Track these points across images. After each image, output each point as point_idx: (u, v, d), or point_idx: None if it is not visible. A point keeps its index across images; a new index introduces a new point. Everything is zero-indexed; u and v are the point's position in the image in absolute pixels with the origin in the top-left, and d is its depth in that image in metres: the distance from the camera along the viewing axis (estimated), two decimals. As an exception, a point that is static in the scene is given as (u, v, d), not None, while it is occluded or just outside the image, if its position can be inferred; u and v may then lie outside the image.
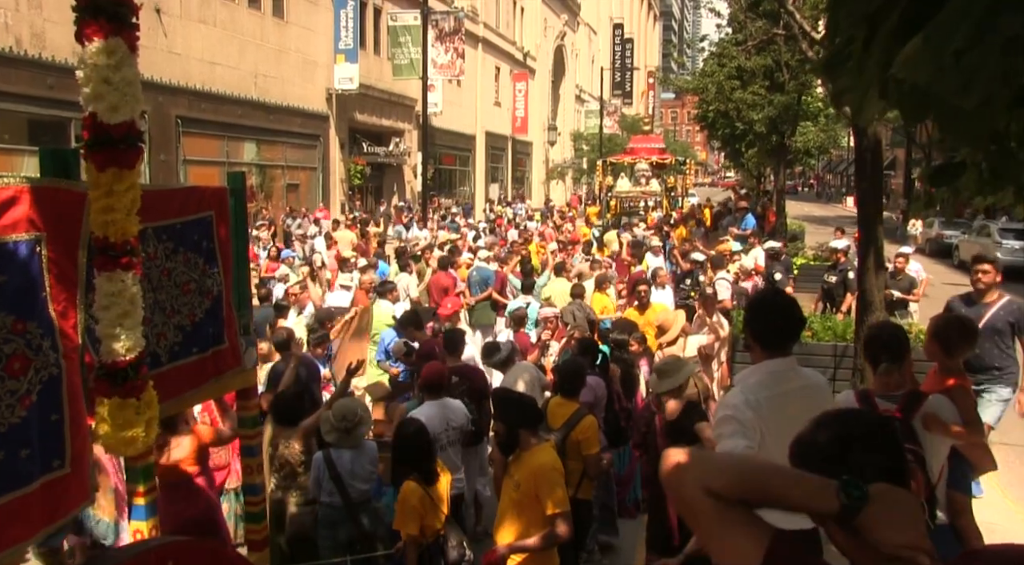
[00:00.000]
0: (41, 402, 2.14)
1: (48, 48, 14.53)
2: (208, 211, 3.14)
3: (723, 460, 1.58)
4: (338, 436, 5.01)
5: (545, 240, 17.63)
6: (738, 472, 1.48)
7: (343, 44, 24.21)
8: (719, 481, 1.44)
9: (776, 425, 2.99)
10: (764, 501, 1.44)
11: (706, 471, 1.47)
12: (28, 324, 2.10)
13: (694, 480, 1.46)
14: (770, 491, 1.42)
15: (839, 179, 67.66)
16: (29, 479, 2.11)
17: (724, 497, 1.43)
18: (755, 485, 1.43)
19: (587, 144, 46.40)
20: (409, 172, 29.88)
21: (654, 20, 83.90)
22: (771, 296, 3.93)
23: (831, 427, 1.57)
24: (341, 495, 4.95)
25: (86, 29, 2.19)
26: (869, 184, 7.64)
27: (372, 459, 5.21)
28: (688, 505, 1.49)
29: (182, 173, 18.34)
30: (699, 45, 27.40)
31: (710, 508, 1.44)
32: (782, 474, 1.46)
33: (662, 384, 5.22)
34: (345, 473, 4.98)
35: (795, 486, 1.42)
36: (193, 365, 3.02)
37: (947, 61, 1.45)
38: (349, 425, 5.02)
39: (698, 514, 1.48)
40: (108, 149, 2.21)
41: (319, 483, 5.02)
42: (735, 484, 1.44)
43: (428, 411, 5.37)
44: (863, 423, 1.62)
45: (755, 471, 1.49)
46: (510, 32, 41.28)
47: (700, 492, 1.45)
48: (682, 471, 1.50)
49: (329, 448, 5.05)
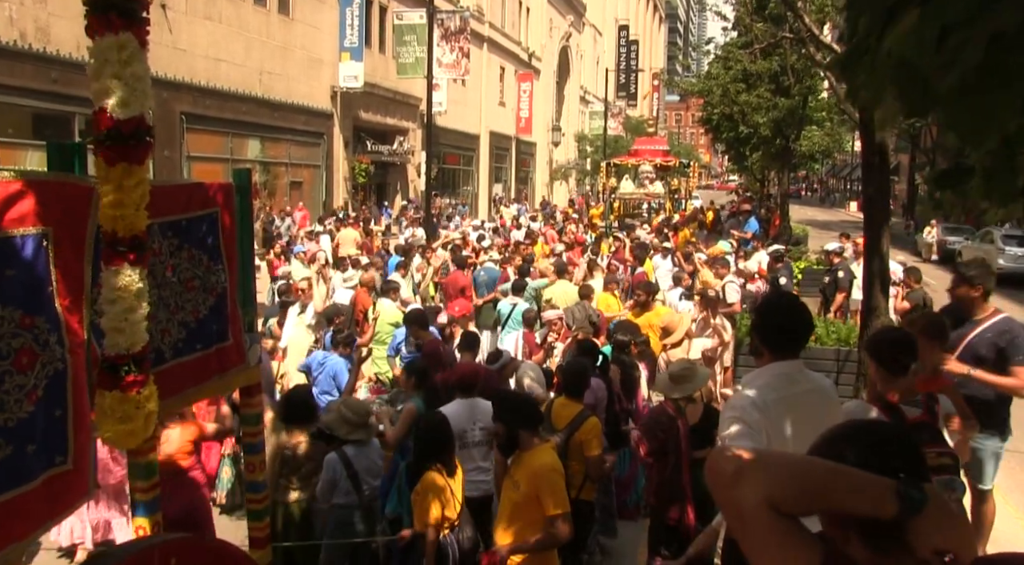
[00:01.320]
0: (47, 397, 2.13)
1: (53, 42, 14.53)
2: (214, 208, 3.13)
3: (790, 463, 1.43)
4: (350, 430, 5.03)
5: (548, 241, 17.63)
6: (806, 477, 1.37)
7: (348, 42, 24.22)
8: (785, 489, 1.34)
9: (783, 427, 3.00)
10: (823, 507, 1.36)
11: (773, 477, 1.36)
12: (36, 319, 2.09)
13: (757, 486, 1.35)
14: (832, 495, 1.34)
15: (843, 184, 67.61)
16: (33, 475, 2.10)
17: (787, 508, 1.34)
18: (819, 489, 1.35)
19: (591, 145, 46.40)
20: (413, 171, 29.88)
21: (659, 22, 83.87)
22: (780, 299, 3.94)
23: (858, 440, 1.48)
24: (357, 494, 4.97)
25: (96, 23, 2.18)
26: (876, 189, 7.63)
27: (380, 454, 5.24)
28: (743, 515, 1.38)
29: (186, 169, 18.36)
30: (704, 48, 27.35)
31: (769, 520, 1.34)
32: (844, 475, 1.36)
33: (676, 390, 5.21)
34: (362, 470, 5.00)
35: (857, 488, 1.33)
36: (197, 362, 3.01)
37: (930, 35, 1.45)
38: (360, 421, 5.06)
39: (753, 525, 1.37)
40: (118, 144, 2.20)
41: (334, 484, 5.00)
42: (802, 492, 1.34)
43: (457, 408, 5.39)
44: (891, 432, 1.55)
45: (821, 474, 1.38)
46: (515, 32, 41.27)
47: (762, 501, 1.34)
48: (745, 475, 1.38)
49: (342, 448, 5.05)
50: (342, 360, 7.32)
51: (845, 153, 50.36)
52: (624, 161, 27.55)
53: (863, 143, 7.90)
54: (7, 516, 2.02)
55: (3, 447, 2.01)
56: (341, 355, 7.37)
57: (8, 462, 2.02)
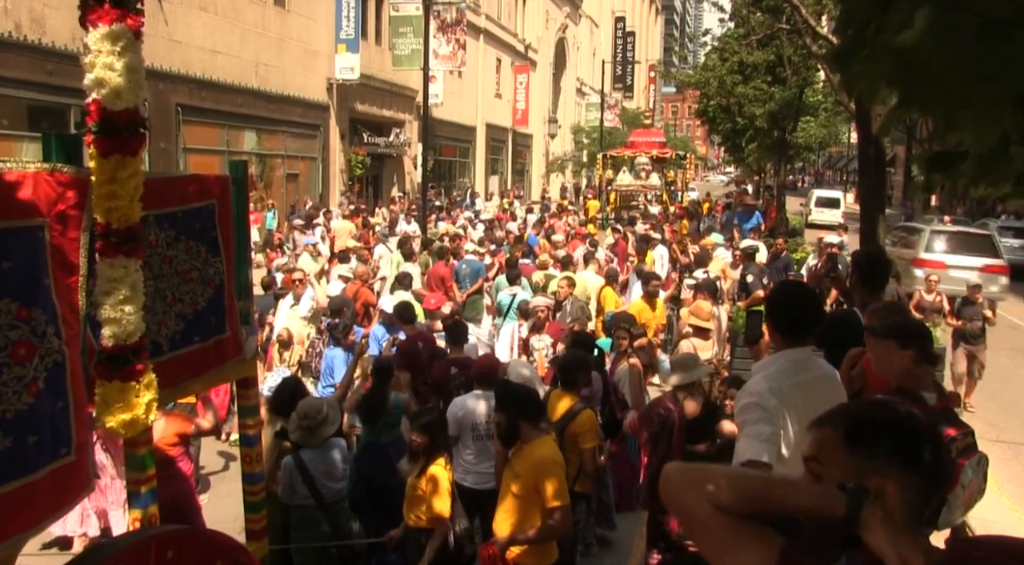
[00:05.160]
0: (47, 389, 2.13)
1: (48, 33, 14.46)
2: (210, 199, 3.12)
3: (726, 474, 1.51)
4: (301, 434, 4.94)
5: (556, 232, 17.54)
6: (741, 484, 1.44)
7: (344, 34, 24.13)
8: (726, 495, 1.41)
9: (796, 414, 3.06)
10: (772, 510, 1.41)
11: (713, 486, 1.42)
12: (33, 310, 2.09)
13: (700, 495, 1.42)
14: (775, 500, 1.40)
15: (839, 175, 67.60)
16: (36, 467, 2.10)
17: (733, 511, 1.40)
18: (760, 495, 1.41)
19: (587, 137, 46.34)
20: (409, 163, 29.82)
21: (656, 14, 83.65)
22: (793, 287, 4.00)
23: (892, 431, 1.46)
24: (314, 497, 4.89)
25: (91, 14, 2.17)
26: (872, 180, 7.64)
27: (343, 457, 5.10)
28: (695, 521, 1.46)
29: (182, 161, 18.29)
30: (701, 39, 27.33)
31: (720, 522, 1.40)
32: (783, 483, 1.44)
33: (676, 377, 5.22)
34: (318, 474, 4.91)
35: (799, 493, 1.39)
36: (194, 354, 3.01)
37: (925, 23, 1.45)
38: (312, 423, 4.92)
39: (706, 529, 1.44)
40: (112, 136, 2.20)
41: (292, 487, 4.94)
42: (742, 496, 1.40)
43: (473, 401, 5.38)
44: (920, 422, 1.51)
45: (756, 482, 1.46)
46: (512, 24, 41.15)
47: (708, 507, 1.41)
48: (687, 487, 1.46)
49: (298, 451, 4.97)
50: (340, 352, 7.31)
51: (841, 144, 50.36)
52: (621, 153, 27.55)
53: (859, 134, 7.91)
54: (11, 507, 2.02)
55: (2, 439, 2.01)
56: (340, 347, 7.36)
57: (8, 453, 2.02)
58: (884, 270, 4.39)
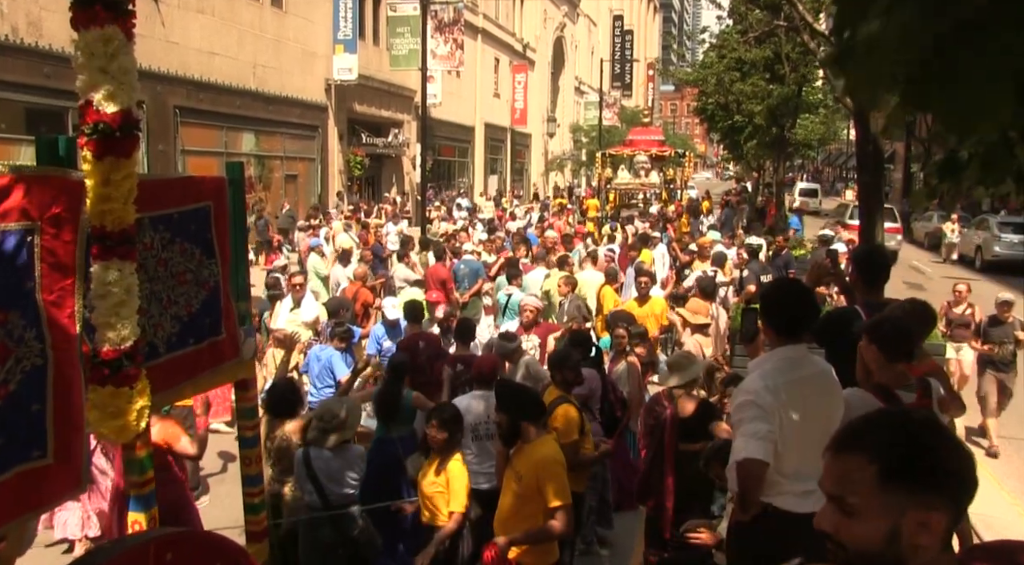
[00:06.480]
0: (20, 392, 2.11)
1: (45, 36, 14.46)
2: (206, 201, 3.11)
3: None
4: (316, 434, 4.92)
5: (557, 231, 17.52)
6: None
7: (342, 34, 24.13)
8: None
9: (792, 410, 3.10)
10: None
11: None
12: (9, 314, 2.07)
13: None
14: None
15: (838, 172, 67.57)
16: (2, 467, 2.08)
17: None
18: None
19: (586, 136, 46.33)
20: (408, 163, 29.81)
21: (654, 12, 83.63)
22: (788, 284, 3.99)
23: None
24: (319, 495, 4.85)
25: (82, 16, 2.17)
26: (871, 177, 7.64)
27: (353, 465, 4.99)
28: None
29: (180, 163, 18.28)
30: (699, 37, 27.31)
31: None
32: None
33: (672, 378, 5.21)
34: (321, 474, 4.85)
35: None
36: (190, 356, 2.99)
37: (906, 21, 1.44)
38: (326, 426, 4.89)
39: None
40: (105, 138, 2.19)
41: (299, 483, 4.96)
42: None
43: (472, 401, 5.38)
44: (950, 440, 1.42)
45: None
46: (510, 23, 41.13)
47: None
48: None
49: (309, 449, 4.94)
50: (338, 353, 7.31)
51: (840, 141, 50.36)
52: (619, 151, 27.50)
53: (858, 132, 7.90)
54: None
55: None
56: (338, 349, 7.37)
57: None
58: (883, 267, 4.38)
